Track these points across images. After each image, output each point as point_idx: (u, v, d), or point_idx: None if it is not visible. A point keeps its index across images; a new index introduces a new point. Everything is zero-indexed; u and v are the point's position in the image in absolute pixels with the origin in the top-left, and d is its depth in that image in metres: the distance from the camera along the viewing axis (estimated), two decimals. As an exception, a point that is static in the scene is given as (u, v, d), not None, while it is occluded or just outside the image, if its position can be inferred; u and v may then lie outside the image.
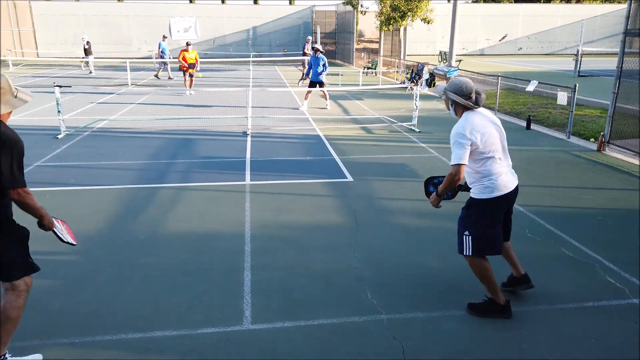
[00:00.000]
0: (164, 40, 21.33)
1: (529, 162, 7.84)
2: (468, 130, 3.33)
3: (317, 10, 34.24)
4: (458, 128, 3.38)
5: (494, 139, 3.41)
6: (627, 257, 4.51)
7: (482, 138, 3.34)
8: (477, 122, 3.38)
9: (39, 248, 4.61)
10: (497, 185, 3.42)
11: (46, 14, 31.12)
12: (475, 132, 3.33)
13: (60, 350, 3.16)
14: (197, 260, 4.43)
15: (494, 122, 3.49)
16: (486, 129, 3.38)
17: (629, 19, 8.07)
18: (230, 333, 3.36)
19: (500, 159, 3.46)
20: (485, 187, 3.44)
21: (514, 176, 3.55)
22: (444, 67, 17.72)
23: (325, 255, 4.53)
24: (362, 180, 6.80)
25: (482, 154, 3.38)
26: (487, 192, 3.44)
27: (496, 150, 3.42)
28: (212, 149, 8.50)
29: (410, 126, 10.48)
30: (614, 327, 3.46)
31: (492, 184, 3.42)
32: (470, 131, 3.32)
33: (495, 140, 3.42)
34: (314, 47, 12.34)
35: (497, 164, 3.43)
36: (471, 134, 3.32)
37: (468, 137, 3.31)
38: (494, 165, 3.42)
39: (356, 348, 3.21)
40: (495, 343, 3.28)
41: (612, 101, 8.47)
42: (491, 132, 3.40)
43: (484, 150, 3.37)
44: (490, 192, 3.43)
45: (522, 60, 30.95)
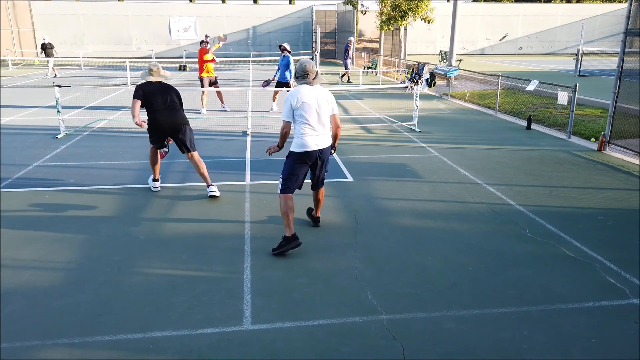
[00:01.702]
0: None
1: (529, 161, 7.84)
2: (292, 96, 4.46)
3: (317, 10, 34.24)
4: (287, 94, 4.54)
5: (309, 107, 4.45)
6: (628, 257, 4.51)
7: (297, 102, 4.43)
8: (302, 91, 4.48)
9: (39, 248, 4.62)
10: (301, 143, 4.49)
11: (46, 14, 31.11)
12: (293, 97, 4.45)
13: (60, 350, 3.16)
14: (197, 260, 4.43)
15: (319, 95, 4.51)
16: (305, 98, 4.44)
17: (629, 19, 8.07)
18: (230, 333, 3.36)
19: (312, 122, 4.48)
20: (293, 143, 4.56)
21: (322, 141, 4.56)
22: (444, 66, 17.69)
23: (325, 255, 4.53)
24: (362, 180, 6.79)
25: (298, 116, 4.47)
26: (294, 147, 4.54)
27: (309, 116, 4.45)
28: (212, 149, 8.50)
29: (410, 126, 10.47)
30: (614, 327, 3.46)
31: (299, 141, 4.52)
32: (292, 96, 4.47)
33: (311, 108, 4.45)
34: (282, 47, 11.90)
35: (306, 127, 4.48)
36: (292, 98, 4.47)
37: (290, 101, 4.46)
38: (304, 127, 4.49)
39: (356, 348, 3.21)
40: (495, 343, 3.27)
41: (612, 101, 8.47)
42: (307, 100, 4.44)
43: (298, 113, 4.46)
44: (297, 147, 4.52)
45: (523, 60, 30.94)
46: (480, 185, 6.59)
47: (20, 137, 9.28)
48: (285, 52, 11.80)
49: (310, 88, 4.52)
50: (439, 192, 6.32)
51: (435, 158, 8.01)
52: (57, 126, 9.71)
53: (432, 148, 8.66)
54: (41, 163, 7.52)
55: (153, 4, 32.60)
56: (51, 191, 6.23)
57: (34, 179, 6.71)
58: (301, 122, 4.48)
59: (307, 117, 4.45)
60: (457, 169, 7.35)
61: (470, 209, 5.72)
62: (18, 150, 8.22)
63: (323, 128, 4.56)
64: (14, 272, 4.14)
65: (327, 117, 4.59)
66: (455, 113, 12.66)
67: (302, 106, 4.44)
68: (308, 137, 4.49)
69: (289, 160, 4.60)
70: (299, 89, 4.50)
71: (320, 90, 4.59)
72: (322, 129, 4.56)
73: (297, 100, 4.43)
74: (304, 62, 4.54)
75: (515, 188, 6.48)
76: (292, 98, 4.45)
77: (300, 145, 4.50)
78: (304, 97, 4.44)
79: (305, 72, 4.51)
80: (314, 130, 4.50)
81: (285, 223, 4.50)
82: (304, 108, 4.44)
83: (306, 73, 4.51)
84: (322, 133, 4.57)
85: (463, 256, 4.52)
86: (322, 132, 4.56)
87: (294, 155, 4.55)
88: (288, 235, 4.46)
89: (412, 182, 6.70)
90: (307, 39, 34.13)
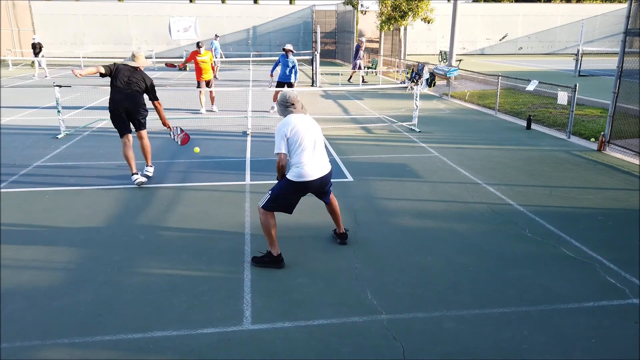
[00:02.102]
0: (216, 39, 21.48)
1: (529, 161, 7.84)
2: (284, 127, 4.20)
3: (317, 10, 34.24)
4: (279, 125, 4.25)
5: (304, 134, 4.20)
6: (628, 257, 4.51)
7: (291, 131, 4.17)
8: (293, 120, 4.24)
9: (39, 248, 4.62)
10: (300, 173, 4.17)
11: (46, 14, 31.11)
12: (286, 127, 4.19)
13: (60, 350, 3.16)
14: (197, 260, 4.43)
15: (310, 122, 4.33)
16: (298, 126, 4.19)
17: (629, 19, 8.07)
18: (230, 333, 3.36)
19: (309, 151, 4.21)
20: (291, 172, 4.22)
21: (322, 168, 4.29)
22: (444, 66, 17.69)
23: (325, 255, 4.53)
24: (362, 180, 6.79)
25: (294, 145, 4.19)
26: (292, 176, 4.20)
27: (307, 143, 4.21)
28: (212, 149, 8.50)
29: (410, 126, 10.47)
30: (614, 327, 3.46)
31: (297, 171, 4.19)
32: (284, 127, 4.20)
33: (306, 134, 4.21)
34: (285, 49, 11.96)
35: (304, 156, 4.19)
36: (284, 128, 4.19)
37: (283, 131, 4.17)
38: (302, 156, 4.19)
39: (356, 348, 3.21)
40: (495, 343, 3.28)
41: (612, 101, 8.47)
42: (301, 129, 4.19)
43: (293, 141, 4.18)
44: (296, 177, 4.19)
45: (523, 60, 30.94)
46: (480, 185, 6.59)
47: (20, 137, 9.28)
48: (290, 53, 11.74)
49: (300, 116, 4.29)
50: (439, 192, 6.32)
51: (435, 158, 8.01)
52: (57, 126, 9.71)
53: (432, 148, 8.66)
54: (41, 163, 7.52)
55: (153, 4, 32.60)
56: (51, 191, 6.23)
57: (34, 179, 6.71)
58: (298, 151, 4.18)
59: (304, 145, 4.17)
60: (457, 169, 7.35)
61: (470, 209, 5.72)
62: (18, 150, 8.22)
63: (321, 155, 4.33)
64: (14, 272, 4.14)
65: (323, 144, 4.37)
66: (455, 113, 12.66)
67: (297, 133, 4.16)
68: (307, 166, 4.17)
69: (285, 185, 4.25)
70: (290, 118, 4.24)
71: (310, 118, 4.40)
72: (321, 156, 4.32)
73: (290, 129, 4.15)
74: (287, 93, 4.32)
75: (515, 188, 6.48)
76: (284, 127, 4.17)
77: (299, 175, 4.17)
78: (297, 125, 4.19)
79: (290, 102, 4.30)
80: (313, 158, 4.21)
81: (270, 241, 4.26)
82: (298, 135, 4.16)
83: (291, 103, 4.30)
84: (322, 160, 4.32)
85: (463, 256, 4.53)
86: (321, 159, 4.31)
87: (291, 184, 4.22)
88: (274, 254, 4.26)
89: (412, 182, 6.71)
90: (307, 39, 34.13)
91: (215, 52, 20.77)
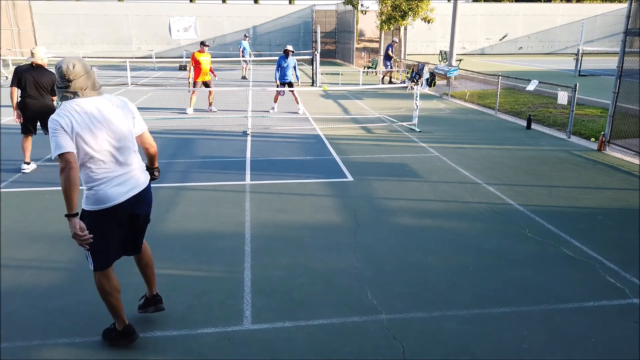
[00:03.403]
0: (245, 40, 21.47)
1: (529, 161, 7.84)
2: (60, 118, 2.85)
3: (317, 10, 34.23)
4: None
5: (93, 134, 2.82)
6: (628, 257, 4.51)
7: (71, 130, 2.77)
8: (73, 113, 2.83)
9: (39, 248, 4.62)
10: (98, 197, 2.89)
11: (46, 14, 31.12)
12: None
13: (60, 350, 3.16)
14: (197, 260, 4.42)
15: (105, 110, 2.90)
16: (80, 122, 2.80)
17: (629, 19, 8.07)
18: (230, 333, 3.36)
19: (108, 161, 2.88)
20: (86, 197, 2.93)
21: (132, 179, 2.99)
22: (445, 66, 17.68)
23: (325, 255, 4.53)
24: (362, 180, 6.79)
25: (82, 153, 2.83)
26: (88, 203, 2.93)
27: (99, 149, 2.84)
28: (212, 149, 8.50)
29: (410, 126, 10.47)
30: (614, 327, 3.46)
31: (92, 195, 2.90)
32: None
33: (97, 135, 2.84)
34: (286, 50, 12.07)
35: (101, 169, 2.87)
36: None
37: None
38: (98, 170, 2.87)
39: (356, 348, 3.21)
40: (495, 343, 3.27)
41: (612, 101, 8.47)
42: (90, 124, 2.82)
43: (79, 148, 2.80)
44: (93, 204, 2.91)
45: (523, 60, 30.93)
46: (480, 185, 6.59)
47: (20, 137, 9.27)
48: (290, 53, 11.93)
49: (88, 102, 2.85)
50: (439, 192, 6.32)
51: (435, 158, 8.01)
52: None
53: (432, 148, 8.66)
54: (41, 163, 7.52)
55: (153, 4, 32.60)
56: (51, 191, 6.23)
57: (35, 179, 6.71)
58: (89, 162, 2.85)
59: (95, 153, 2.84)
60: (457, 169, 7.35)
61: (470, 209, 5.72)
62: (18, 150, 8.21)
63: (129, 161, 2.98)
64: (14, 272, 4.14)
65: (131, 142, 2.98)
66: (455, 113, 12.66)
67: (80, 135, 2.77)
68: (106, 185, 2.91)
69: (86, 223, 2.85)
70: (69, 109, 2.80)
71: (104, 101, 2.92)
72: (128, 164, 2.98)
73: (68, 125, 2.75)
74: (62, 63, 2.82)
75: (515, 188, 6.48)
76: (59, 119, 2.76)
77: (97, 201, 2.91)
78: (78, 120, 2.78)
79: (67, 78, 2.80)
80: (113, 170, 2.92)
81: (112, 312, 3.13)
82: (84, 138, 2.78)
83: (68, 79, 2.80)
84: (131, 171, 3.00)
85: (463, 256, 4.53)
86: (128, 167, 2.98)
87: (91, 215, 2.93)
88: (119, 329, 3.15)
89: (412, 182, 6.70)
90: (307, 39, 34.13)
91: (244, 53, 20.90)
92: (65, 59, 2.85)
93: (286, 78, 12.03)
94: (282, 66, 11.99)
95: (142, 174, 3.15)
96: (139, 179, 3.09)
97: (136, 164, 3.07)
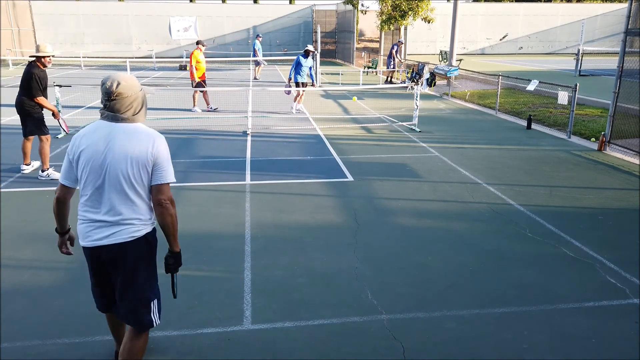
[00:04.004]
0: (258, 39, 21.47)
1: (529, 161, 7.83)
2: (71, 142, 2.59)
3: (317, 10, 34.22)
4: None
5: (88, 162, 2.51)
6: (628, 257, 4.51)
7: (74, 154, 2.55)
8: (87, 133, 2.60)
9: (39, 248, 4.62)
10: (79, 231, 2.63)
11: (46, 14, 31.10)
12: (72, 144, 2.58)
13: (60, 350, 3.16)
14: (197, 260, 4.42)
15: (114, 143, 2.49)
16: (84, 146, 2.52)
17: (629, 19, 8.06)
18: (230, 333, 3.36)
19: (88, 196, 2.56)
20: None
21: (112, 227, 2.53)
22: (445, 66, 17.68)
23: (325, 255, 4.53)
24: (362, 180, 6.79)
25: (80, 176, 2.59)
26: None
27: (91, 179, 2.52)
28: (212, 149, 8.50)
29: (410, 126, 10.47)
30: (614, 327, 3.46)
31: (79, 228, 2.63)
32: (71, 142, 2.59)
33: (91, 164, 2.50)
34: (307, 49, 11.98)
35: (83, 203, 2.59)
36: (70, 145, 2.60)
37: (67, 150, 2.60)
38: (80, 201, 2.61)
39: (356, 348, 3.21)
40: (496, 343, 3.27)
41: (612, 101, 8.46)
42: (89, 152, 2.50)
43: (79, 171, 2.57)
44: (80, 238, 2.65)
45: (523, 60, 30.92)
46: (481, 185, 6.59)
47: (20, 137, 9.27)
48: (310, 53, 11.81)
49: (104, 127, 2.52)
50: (439, 192, 6.32)
51: (435, 158, 8.01)
52: (57, 126, 9.69)
53: (432, 148, 8.66)
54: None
55: (153, 4, 32.59)
56: (51, 191, 6.23)
57: (34, 179, 6.71)
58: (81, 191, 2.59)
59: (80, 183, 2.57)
60: (457, 169, 7.35)
61: (470, 209, 5.71)
62: (18, 150, 8.21)
63: (116, 206, 2.51)
64: (14, 272, 4.14)
65: (132, 187, 2.49)
66: (455, 113, 12.65)
67: (80, 159, 2.51)
68: (82, 223, 2.61)
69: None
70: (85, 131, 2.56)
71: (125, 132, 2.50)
72: (114, 209, 2.51)
73: (73, 148, 2.54)
74: (108, 78, 2.56)
75: (516, 188, 6.48)
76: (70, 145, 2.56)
77: (79, 236, 2.65)
78: (83, 144, 2.51)
79: (106, 94, 2.52)
80: (90, 208, 2.56)
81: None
82: (81, 163, 2.52)
83: (107, 96, 2.52)
84: (113, 217, 2.52)
85: (463, 256, 4.52)
86: (111, 214, 2.52)
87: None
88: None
89: (412, 182, 6.70)
90: (307, 39, 34.09)
91: (259, 52, 20.95)
92: (112, 75, 2.55)
93: (302, 77, 11.98)
94: (301, 65, 11.90)
95: (140, 227, 2.57)
96: (128, 230, 2.54)
97: (128, 216, 2.52)
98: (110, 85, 2.50)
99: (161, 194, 2.51)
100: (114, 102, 2.50)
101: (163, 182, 2.52)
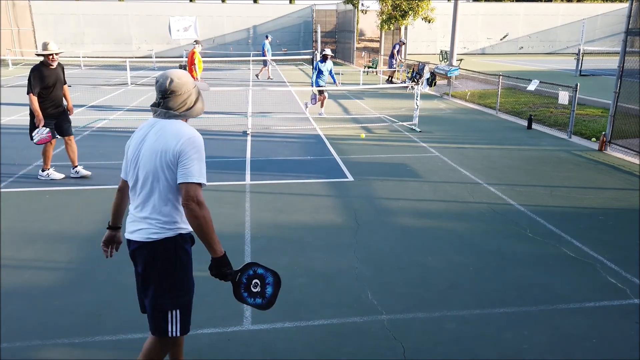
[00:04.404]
0: (267, 40, 21.48)
1: (530, 161, 7.83)
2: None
3: (317, 9, 34.22)
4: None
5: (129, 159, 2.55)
6: (628, 257, 4.50)
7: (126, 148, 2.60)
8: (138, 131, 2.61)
9: (39, 248, 4.62)
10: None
11: (46, 13, 31.10)
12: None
13: (60, 350, 3.16)
14: (197, 260, 4.41)
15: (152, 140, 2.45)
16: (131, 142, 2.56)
17: (630, 18, 8.06)
18: (230, 333, 3.35)
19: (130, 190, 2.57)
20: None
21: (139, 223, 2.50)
22: (445, 66, 17.67)
23: (325, 255, 4.52)
24: (362, 180, 6.79)
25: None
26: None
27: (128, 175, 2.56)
28: (212, 149, 8.49)
29: (411, 126, 10.46)
30: (614, 327, 3.45)
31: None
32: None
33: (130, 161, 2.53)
34: (325, 54, 11.78)
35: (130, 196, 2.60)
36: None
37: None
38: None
39: (356, 348, 3.20)
40: (496, 343, 3.27)
41: (613, 101, 8.46)
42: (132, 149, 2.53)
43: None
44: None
45: (523, 60, 30.91)
46: (481, 185, 6.58)
47: (20, 137, 9.27)
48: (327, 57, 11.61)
49: (150, 123, 2.52)
50: (439, 192, 6.31)
51: (435, 158, 8.01)
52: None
53: (432, 148, 8.66)
54: (41, 163, 7.51)
55: (153, 4, 32.59)
56: (51, 191, 6.23)
57: (34, 179, 6.71)
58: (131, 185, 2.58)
59: (127, 177, 2.57)
60: (457, 169, 7.35)
61: (470, 209, 5.71)
62: (18, 150, 8.21)
63: (143, 203, 2.48)
64: (14, 272, 4.14)
65: (158, 186, 2.43)
66: (455, 113, 12.65)
67: (126, 154, 2.57)
68: (128, 215, 2.59)
69: None
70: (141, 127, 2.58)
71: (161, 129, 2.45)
72: (142, 205, 2.49)
73: (127, 143, 2.60)
74: (164, 75, 2.51)
75: (516, 188, 6.47)
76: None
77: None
78: (131, 140, 2.56)
79: (160, 93, 2.50)
80: (131, 201, 2.58)
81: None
82: (126, 158, 2.57)
83: (161, 94, 2.49)
84: (140, 213, 2.49)
85: (463, 256, 4.52)
86: (140, 210, 2.50)
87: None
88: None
89: (412, 182, 6.70)
90: (307, 39, 34.12)
91: (268, 53, 20.95)
92: (166, 72, 2.51)
93: (324, 82, 11.69)
94: (322, 71, 11.61)
95: (158, 230, 2.48)
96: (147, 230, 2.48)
97: (150, 215, 2.46)
98: (163, 83, 2.47)
99: (186, 195, 2.36)
100: (168, 100, 2.48)
101: (186, 181, 2.35)
